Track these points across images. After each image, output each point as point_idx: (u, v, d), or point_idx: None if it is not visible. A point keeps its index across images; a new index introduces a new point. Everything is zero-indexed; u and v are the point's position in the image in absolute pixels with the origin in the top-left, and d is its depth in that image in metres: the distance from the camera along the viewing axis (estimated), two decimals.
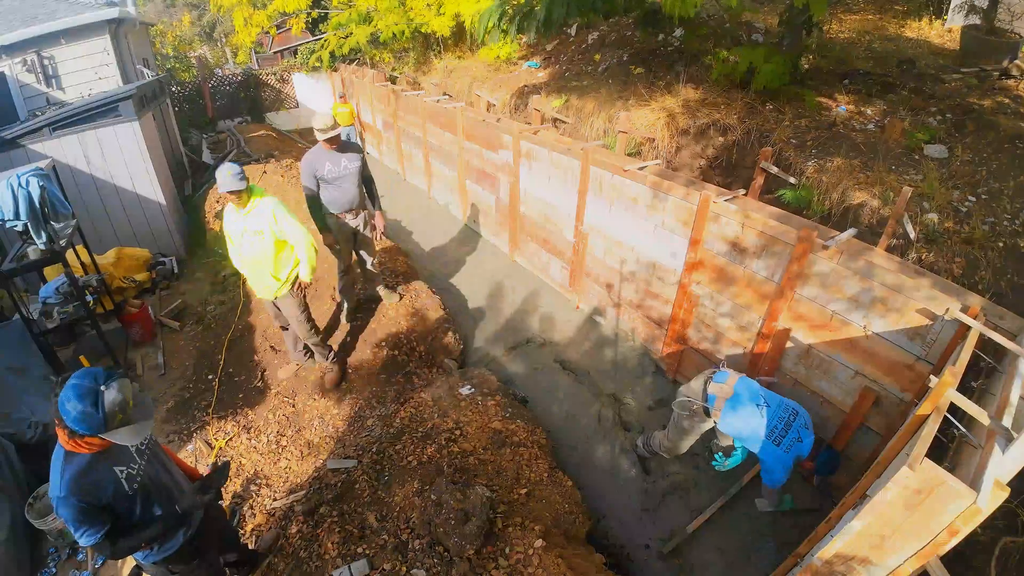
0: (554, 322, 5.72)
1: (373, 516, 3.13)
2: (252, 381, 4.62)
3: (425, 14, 9.28)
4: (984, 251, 3.46)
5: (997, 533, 2.47)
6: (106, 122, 6.40)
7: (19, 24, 8.20)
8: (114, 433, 1.80)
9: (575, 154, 5.14)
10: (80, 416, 1.74)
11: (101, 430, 1.77)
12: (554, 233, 5.87)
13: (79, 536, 1.87)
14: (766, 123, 4.92)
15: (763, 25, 6.97)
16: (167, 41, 17.82)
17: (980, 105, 4.68)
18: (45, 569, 3.24)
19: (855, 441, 3.49)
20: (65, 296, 4.73)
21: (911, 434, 2.29)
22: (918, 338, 3.01)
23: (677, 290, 4.45)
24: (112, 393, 1.78)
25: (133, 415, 1.85)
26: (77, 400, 1.74)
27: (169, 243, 7.23)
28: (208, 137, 12.50)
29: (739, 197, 4.14)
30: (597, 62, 7.40)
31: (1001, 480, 1.80)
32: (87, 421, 1.75)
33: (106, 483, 1.92)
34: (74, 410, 1.74)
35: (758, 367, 3.94)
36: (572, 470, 3.96)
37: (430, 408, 4.04)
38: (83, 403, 1.74)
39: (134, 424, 1.85)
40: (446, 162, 8.06)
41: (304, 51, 14.14)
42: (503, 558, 2.83)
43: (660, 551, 3.49)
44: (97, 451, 1.90)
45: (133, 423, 1.85)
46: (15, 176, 4.10)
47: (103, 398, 1.76)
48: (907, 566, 2.05)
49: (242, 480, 3.75)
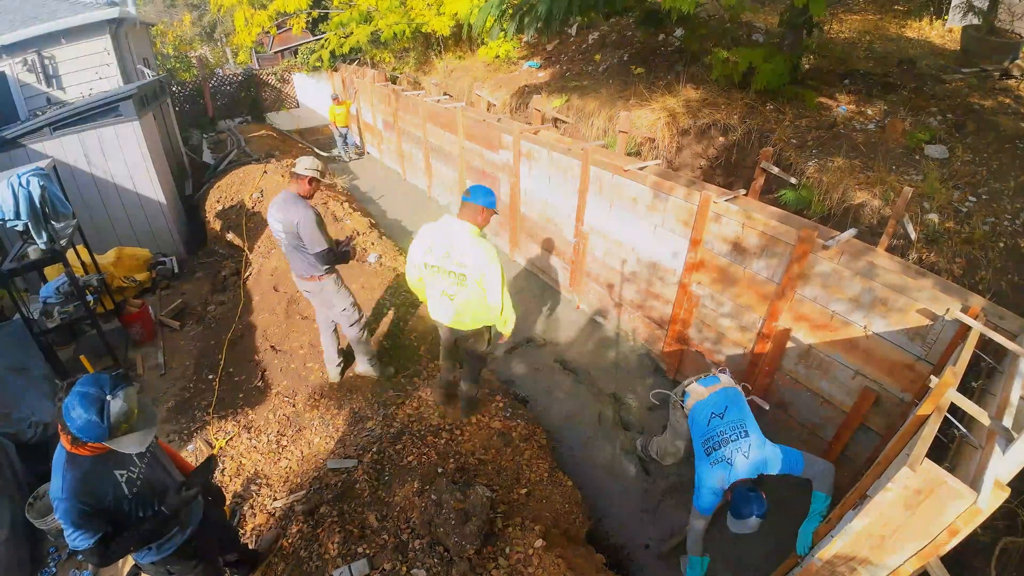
0: (554, 322, 5.72)
1: (373, 516, 3.13)
2: (252, 381, 4.62)
3: (425, 14, 9.29)
4: (984, 251, 3.46)
5: (997, 533, 2.47)
6: (107, 122, 6.40)
7: (19, 24, 8.20)
8: (118, 441, 1.81)
9: (575, 154, 5.14)
10: (85, 425, 1.74)
11: (105, 438, 1.78)
12: (554, 233, 5.87)
13: (73, 539, 1.85)
14: (766, 123, 4.92)
15: (763, 25, 6.96)
16: (168, 41, 17.84)
17: (981, 105, 4.67)
18: (45, 569, 3.24)
19: (855, 441, 3.48)
20: (65, 296, 4.73)
21: (911, 434, 2.29)
22: (918, 338, 3.01)
23: (677, 290, 4.45)
24: (118, 403, 1.78)
25: (137, 424, 1.85)
26: (83, 409, 1.74)
27: (169, 243, 7.23)
28: (208, 137, 12.51)
29: (739, 197, 4.15)
30: (597, 62, 7.40)
31: (1001, 480, 1.80)
32: (92, 430, 1.75)
33: (107, 486, 1.92)
34: (79, 419, 1.74)
35: (758, 367, 3.94)
36: (572, 470, 3.96)
37: (430, 408, 4.04)
38: (88, 412, 1.73)
39: (138, 432, 1.86)
40: (446, 162, 8.06)
41: (304, 51, 14.16)
42: (503, 558, 2.83)
43: (659, 551, 3.49)
44: (99, 454, 1.90)
45: (137, 431, 1.86)
46: (15, 176, 4.10)
47: (109, 408, 1.76)
48: (907, 566, 2.05)
49: (242, 480, 3.75)
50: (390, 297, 5.48)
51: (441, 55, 10.33)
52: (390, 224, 8.29)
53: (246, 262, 6.52)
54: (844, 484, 3.54)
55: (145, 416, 1.91)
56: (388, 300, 5.44)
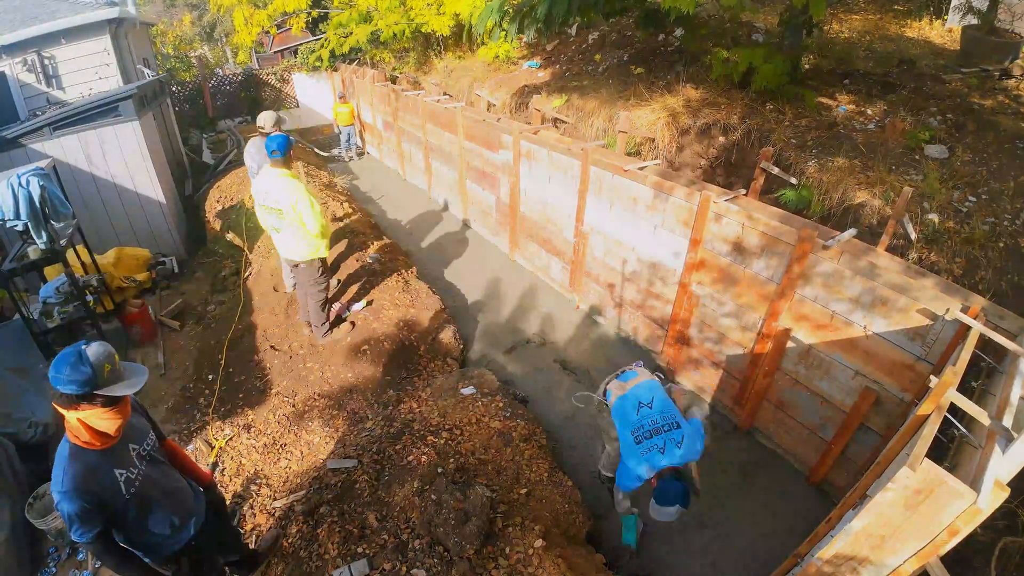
0: (554, 322, 5.72)
1: (373, 516, 3.13)
2: (252, 381, 4.61)
3: (425, 14, 9.28)
4: (984, 251, 3.46)
5: (997, 533, 2.47)
6: (106, 122, 6.40)
7: (19, 24, 8.20)
8: (110, 388, 1.83)
9: (575, 154, 5.14)
10: (70, 374, 1.76)
11: (94, 384, 1.79)
12: (554, 233, 5.87)
13: (74, 532, 1.90)
14: (766, 123, 4.92)
15: (763, 25, 6.97)
16: (167, 41, 17.83)
17: (980, 105, 4.68)
18: (45, 569, 3.24)
19: (855, 441, 3.48)
20: (65, 296, 4.73)
21: (911, 434, 2.29)
22: (918, 338, 3.01)
23: (677, 290, 4.45)
24: (94, 347, 1.82)
25: (123, 371, 1.90)
26: (63, 363, 1.78)
27: (169, 243, 7.23)
28: (208, 137, 12.51)
29: (739, 197, 4.15)
30: (597, 62, 7.40)
31: (1001, 480, 1.80)
32: (78, 376, 1.77)
33: (107, 483, 1.94)
34: (63, 373, 1.77)
35: (759, 367, 3.94)
36: (572, 470, 3.96)
37: (430, 408, 4.04)
38: (68, 363, 1.78)
39: (126, 379, 1.89)
40: (446, 162, 8.06)
41: (304, 51, 14.15)
42: (503, 558, 2.83)
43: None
44: (101, 450, 1.93)
45: (125, 378, 1.89)
46: (15, 176, 4.10)
47: (86, 353, 1.79)
48: (907, 566, 2.05)
49: (242, 480, 3.75)
50: (390, 297, 5.49)
51: (441, 55, 10.32)
52: (390, 224, 8.29)
53: (246, 262, 6.52)
54: (844, 484, 3.55)
55: (130, 366, 1.96)
56: (388, 300, 5.45)
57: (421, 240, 7.76)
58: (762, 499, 3.77)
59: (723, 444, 4.20)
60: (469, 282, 6.58)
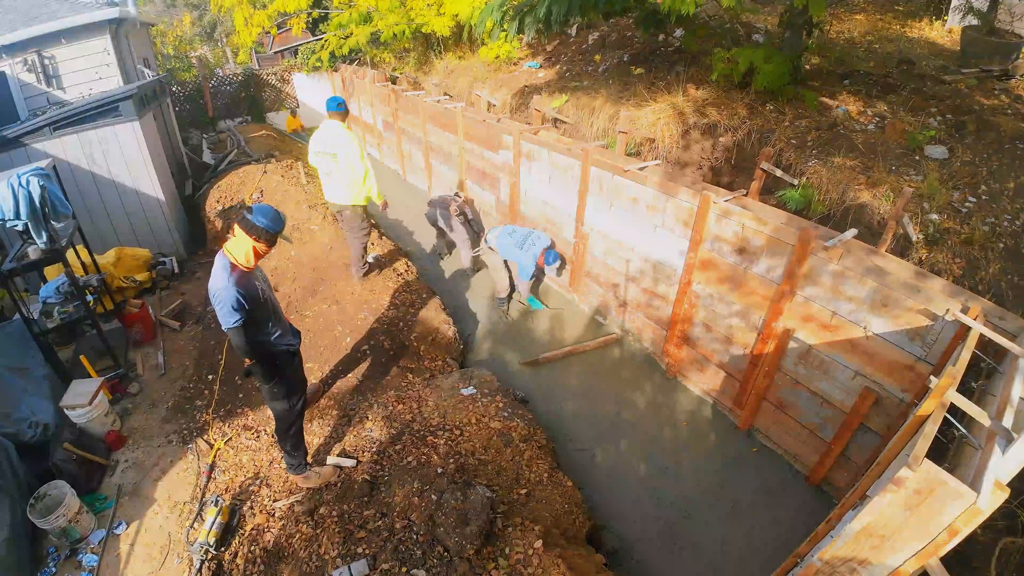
0: (554, 322, 5.72)
1: (373, 516, 3.13)
2: (252, 381, 4.61)
3: (425, 14, 9.27)
4: (984, 251, 3.46)
5: (997, 533, 2.47)
6: (107, 122, 6.40)
7: (19, 24, 8.19)
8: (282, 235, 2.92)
9: (575, 154, 5.14)
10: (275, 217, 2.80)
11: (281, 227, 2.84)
12: (554, 233, 5.87)
13: (224, 318, 2.78)
14: (767, 123, 4.92)
15: (763, 25, 6.96)
16: (168, 41, 17.83)
17: (980, 105, 4.67)
18: (45, 569, 3.23)
19: (855, 441, 3.49)
20: (65, 296, 4.73)
21: (911, 434, 2.29)
22: (918, 338, 3.01)
23: (678, 290, 4.45)
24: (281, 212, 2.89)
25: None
26: (271, 210, 2.81)
27: (169, 243, 7.23)
28: (208, 137, 12.51)
29: (740, 197, 4.15)
30: (597, 62, 7.40)
31: (1001, 480, 1.80)
32: (278, 221, 2.82)
33: (251, 287, 2.86)
34: (269, 216, 2.78)
35: (759, 367, 3.94)
36: (572, 470, 3.96)
37: (431, 408, 4.04)
38: (275, 211, 2.82)
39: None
40: (446, 162, 8.06)
41: (304, 51, 14.13)
42: (503, 558, 2.83)
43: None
44: (247, 272, 2.85)
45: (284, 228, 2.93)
46: (15, 175, 4.10)
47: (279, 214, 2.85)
48: (907, 566, 2.05)
49: (242, 480, 3.74)
50: (390, 296, 5.49)
51: (441, 55, 10.31)
52: (390, 224, 8.29)
53: None
54: (844, 484, 3.55)
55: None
56: (388, 299, 5.45)
57: (421, 240, 7.76)
58: (762, 499, 3.78)
59: (723, 444, 4.20)
60: (469, 282, 6.58)
